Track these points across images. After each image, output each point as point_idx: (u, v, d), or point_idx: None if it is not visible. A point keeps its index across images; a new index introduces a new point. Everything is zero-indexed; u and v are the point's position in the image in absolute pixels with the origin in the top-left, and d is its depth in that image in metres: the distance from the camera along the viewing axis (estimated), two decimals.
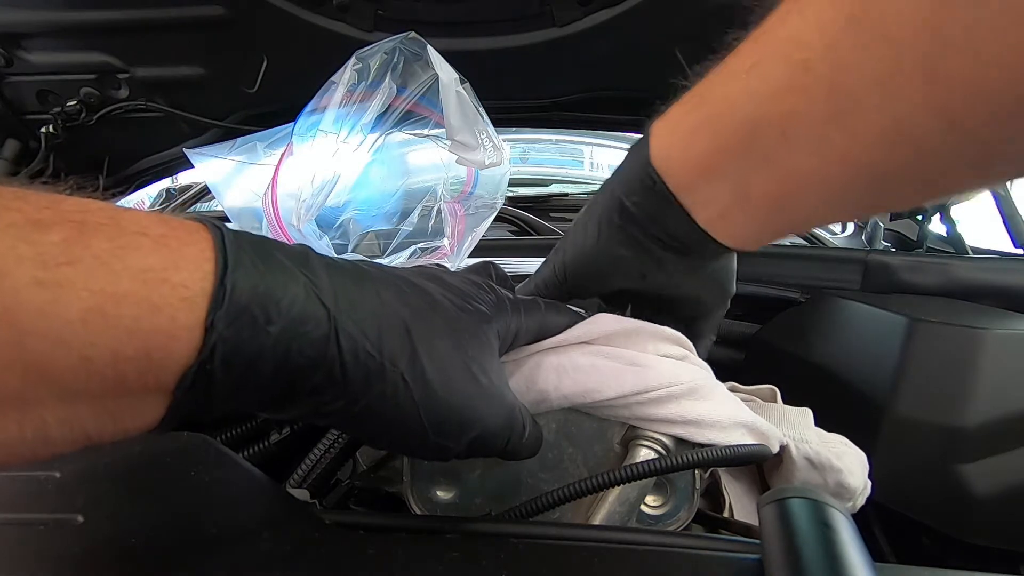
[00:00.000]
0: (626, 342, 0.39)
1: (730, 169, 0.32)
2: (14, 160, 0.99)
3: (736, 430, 0.38)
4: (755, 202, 0.32)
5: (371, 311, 0.27)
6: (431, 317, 0.29)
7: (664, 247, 0.37)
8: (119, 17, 0.80)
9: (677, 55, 0.78)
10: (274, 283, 0.24)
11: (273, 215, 0.61)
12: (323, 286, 0.26)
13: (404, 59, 0.58)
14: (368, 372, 0.26)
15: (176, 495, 0.32)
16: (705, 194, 0.34)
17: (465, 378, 0.29)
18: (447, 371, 0.28)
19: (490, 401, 0.30)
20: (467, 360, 0.29)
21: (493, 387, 0.30)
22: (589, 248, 0.39)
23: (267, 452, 0.49)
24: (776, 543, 0.26)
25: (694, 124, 0.34)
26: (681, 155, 0.34)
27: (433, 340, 0.28)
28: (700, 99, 0.33)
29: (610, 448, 0.39)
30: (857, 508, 0.44)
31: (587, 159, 1.99)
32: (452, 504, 0.41)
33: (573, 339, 0.39)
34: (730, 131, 0.31)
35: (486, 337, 0.31)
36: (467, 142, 0.57)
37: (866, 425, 0.52)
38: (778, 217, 0.34)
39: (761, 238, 0.36)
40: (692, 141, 0.34)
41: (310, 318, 0.25)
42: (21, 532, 0.29)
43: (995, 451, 0.50)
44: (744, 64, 0.31)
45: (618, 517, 0.37)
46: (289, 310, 0.24)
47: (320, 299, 0.25)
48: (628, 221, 0.37)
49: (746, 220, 0.34)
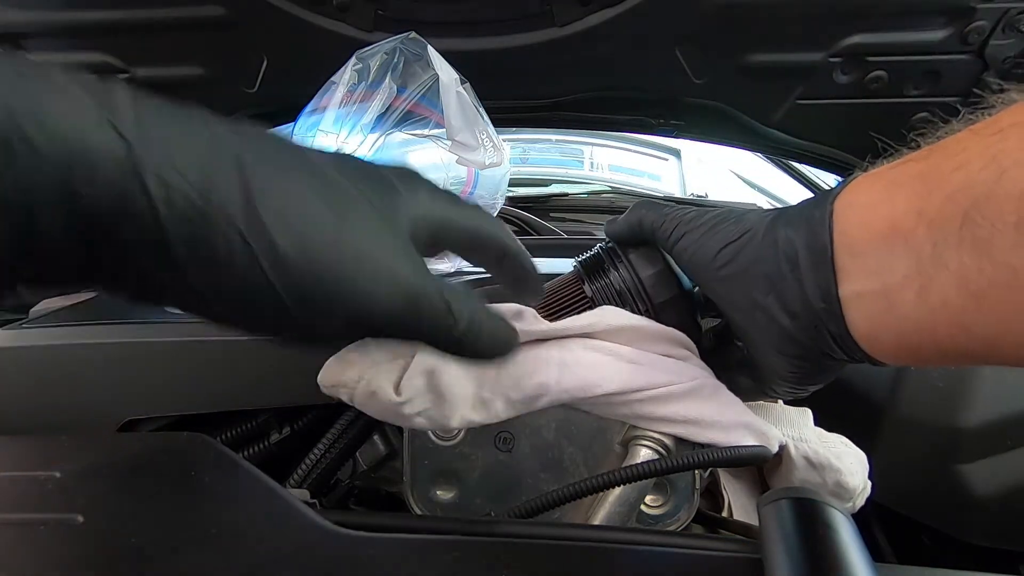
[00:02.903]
0: (630, 339, 0.39)
1: (922, 240, 0.26)
2: None
3: (737, 430, 0.38)
4: (937, 291, 0.26)
5: (193, 146, 0.21)
6: (283, 159, 0.23)
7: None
8: (119, 17, 0.79)
9: (677, 55, 0.78)
10: (41, 100, 0.19)
11: None
12: (122, 112, 0.20)
13: (404, 59, 0.57)
14: (191, 226, 0.20)
15: (176, 495, 0.32)
16: (875, 263, 0.28)
17: (329, 240, 0.23)
18: (300, 227, 0.22)
19: (376, 276, 0.24)
20: (336, 218, 0.23)
21: (380, 259, 0.25)
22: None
23: (267, 452, 0.49)
24: (776, 543, 0.26)
25: (897, 177, 0.28)
26: (863, 214, 0.29)
27: (283, 185, 0.22)
28: (913, 159, 0.28)
29: (610, 448, 0.39)
30: (857, 508, 0.44)
31: (587, 159, 2.00)
32: (452, 504, 0.41)
33: (577, 329, 0.39)
34: (944, 195, 0.25)
35: (376, 201, 0.25)
36: (467, 142, 0.56)
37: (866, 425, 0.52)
38: (954, 324, 0.26)
39: (905, 348, 0.29)
40: (888, 195, 0.28)
41: (99, 150, 0.19)
42: (21, 532, 0.29)
43: (995, 451, 0.50)
44: (989, 129, 0.25)
45: (618, 517, 0.37)
46: (63, 135, 0.19)
47: (116, 127, 0.19)
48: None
49: (911, 314, 0.27)
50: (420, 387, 0.36)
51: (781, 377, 0.35)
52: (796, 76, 0.81)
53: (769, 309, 0.33)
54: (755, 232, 0.34)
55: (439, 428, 0.39)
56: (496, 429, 0.40)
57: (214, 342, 0.46)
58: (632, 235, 0.41)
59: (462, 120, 0.56)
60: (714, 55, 0.78)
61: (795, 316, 0.32)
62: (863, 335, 0.30)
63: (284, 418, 0.50)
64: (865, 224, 0.29)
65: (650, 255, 0.41)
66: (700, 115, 0.89)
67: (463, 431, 0.41)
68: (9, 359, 0.46)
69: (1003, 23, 0.73)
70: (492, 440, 0.41)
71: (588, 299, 0.42)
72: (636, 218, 0.40)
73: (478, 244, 0.32)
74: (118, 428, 0.45)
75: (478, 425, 0.38)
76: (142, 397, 0.45)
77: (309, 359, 0.38)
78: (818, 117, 0.86)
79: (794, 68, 0.79)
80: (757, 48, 0.78)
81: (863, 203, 0.30)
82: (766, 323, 0.34)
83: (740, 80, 0.81)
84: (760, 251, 0.33)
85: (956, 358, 0.28)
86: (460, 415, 0.37)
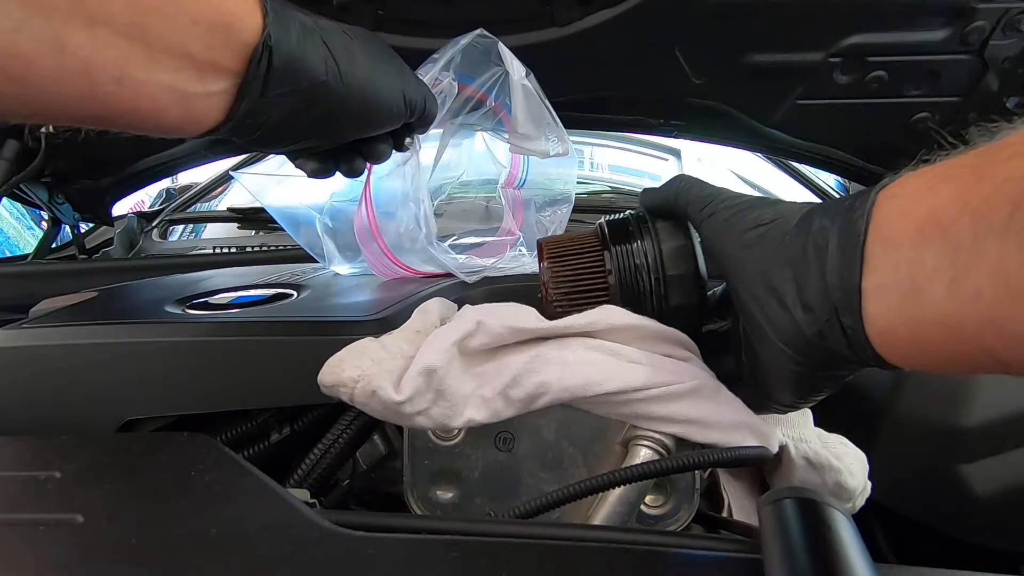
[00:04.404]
0: (631, 338, 0.39)
1: (963, 230, 0.25)
2: (14, 160, 0.99)
3: (737, 431, 0.38)
4: (971, 283, 0.25)
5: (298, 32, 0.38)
6: (344, 36, 0.42)
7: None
8: None
9: (677, 55, 0.78)
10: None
11: (374, 233, 0.59)
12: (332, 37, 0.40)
13: (465, 51, 0.58)
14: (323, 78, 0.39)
15: (176, 495, 0.32)
16: (907, 253, 0.27)
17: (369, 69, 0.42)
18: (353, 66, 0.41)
19: (391, 86, 0.45)
20: (374, 59, 0.43)
21: (394, 78, 0.45)
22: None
23: (267, 452, 0.49)
24: (776, 543, 0.26)
25: (946, 170, 0.27)
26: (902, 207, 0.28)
27: (348, 47, 0.41)
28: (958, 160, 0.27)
29: (610, 448, 0.39)
30: (857, 508, 0.44)
31: (587, 159, 2.00)
32: (452, 504, 0.41)
33: (578, 328, 0.39)
34: (994, 185, 0.24)
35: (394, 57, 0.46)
36: (529, 133, 0.57)
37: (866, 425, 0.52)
38: (984, 320, 0.25)
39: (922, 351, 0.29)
40: (933, 186, 0.27)
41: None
42: (21, 532, 0.29)
43: (995, 451, 0.50)
44: None
45: (618, 517, 0.37)
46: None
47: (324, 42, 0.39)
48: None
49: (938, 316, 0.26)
50: (420, 386, 0.36)
51: (779, 376, 0.35)
52: (796, 76, 0.81)
53: (784, 297, 0.33)
54: (789, 218, 0.34)
55: (439, 427, 0.39)
56: (496, 429, 0.40)
57: (214, 342, 0.46)
58: (665, 206, 0.41)
59: (527, 113, 0.57)
60: (714, 55, 0.78)
61: (808, 308, 0.31)
62: (879, 330, 0.29)
63: (284, 418, 0.50)
64: (905, 214, 0.28)
65: (677, 229, 0.41)
66: (700, 115, 0.89)
67: (463, 431, 0.41)
68: (9, 359, 0.46)
69: (1003, 23, 0.73)
70: (492, 440, 0.41)
71: (600, 251, 0.42)
72: (673, 189, 0.40)
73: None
74: (118, 428, 0.45)
75: (478, 424, 0.38)
76: (142, 397, 0.45)
77: (309, 359, 0.38)
78: (818, 117, 0.86)
79: (794, 68, 0.79)
80: (757, 48, 0.78)
81: (907, 194, 0.29)
82: (776, 311, 0.33)
83: (740, 80, 0.81)
84: (789, 236, 0.33)
85: (974, 359, 0.27)
86: (460, 414, 0.37)
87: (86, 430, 0.45)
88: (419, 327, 0.41)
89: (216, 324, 0.48)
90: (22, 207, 2.60)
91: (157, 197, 1.69)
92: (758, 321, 0.34)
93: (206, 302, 0.55)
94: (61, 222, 1.17)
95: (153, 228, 1.43)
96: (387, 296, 0.53)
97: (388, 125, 0.47)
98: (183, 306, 0.53)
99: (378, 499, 0.52)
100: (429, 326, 0.41)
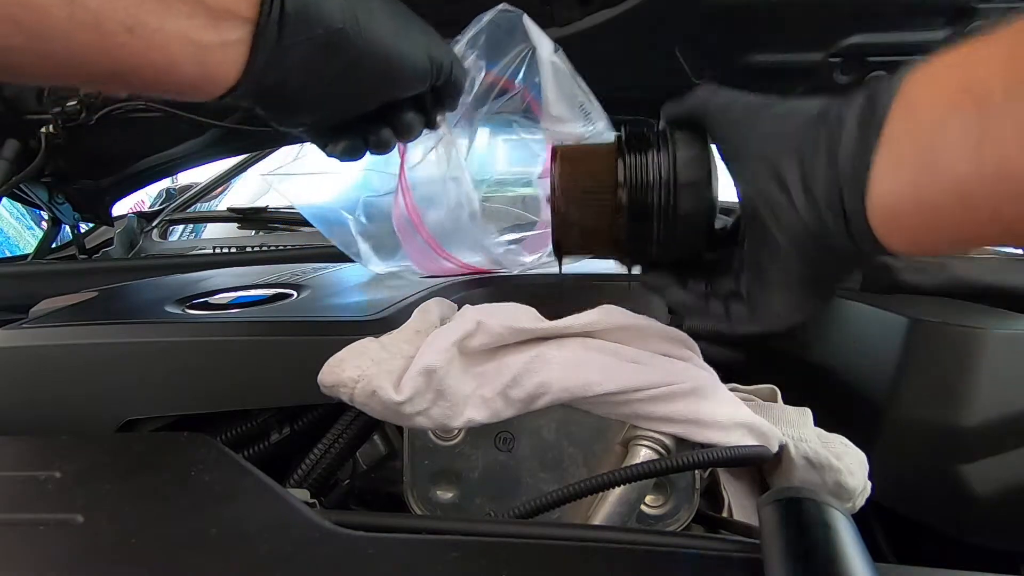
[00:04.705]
0: (632, 338, 0.39)
1: (994, 89, 0.24)
2: (14, 160, 0.99)
3: (737, 430, 0.38)
4: (995, 142, 0.24)
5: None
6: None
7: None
8: None
9: (677, 55, 0.78)
10: None
11: (415, 222, 0.55)
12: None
13: (487, 32, 0.53)
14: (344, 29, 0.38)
15: (176, 495, 0.32)
16: (930, 117, 0.26)
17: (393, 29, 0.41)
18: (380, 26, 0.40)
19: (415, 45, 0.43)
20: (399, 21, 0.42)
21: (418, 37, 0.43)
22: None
23: (267, 452, 0.49)
24: (776, 543, 0.26)
25: (987, 38, 0.26)
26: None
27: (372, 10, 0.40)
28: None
29: (610, 448, 0.39)
30: (857, 508, 0.44)
31: None
32: (452, 504, 0.41)
33: (578, 328, 0.39)
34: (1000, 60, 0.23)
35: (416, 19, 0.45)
36: (563, 114, 0.53)
37: (866, 425, 0.52)
38: (1005, 179, 0.24)
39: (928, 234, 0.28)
40: (970, 53, 0.26)
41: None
42: (21, 532, 0.29)
43: (995, 451, 0.50)
44: None
45: (618, 517, 0.37)
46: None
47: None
48: None
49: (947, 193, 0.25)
50: (420, 386, 0.36)
51: (777, 278, 0.34)
52: (796, 76, 0.81)
53: (786, 182, 0.32)
54: (808, 109, 0.32)
55: (439, 427, 0.39)
56: (496, 429, 0.40)
57: (214, 342, 0.46)
58: (686, 113, 0.39)
59: (557, 92, 0.53)
60: (714, 55, 0.78)
61: (810, 192, 0.31)
62: (884, 209, 0.28)
63: (284, 418, 0.50)
64: (936, 80, 0.27)
65: (694, 139, 0.39)
66: None
67: (463, 431, 0.41)
68: (9, 359, 0.46)
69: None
70: (492, 440, 0.41)
71: (614, 159, 0.40)
72: (699, 98, 0.39)
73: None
74: (118, 428, 0.45)
75: (478, 424, 0.38)
76: (142, 397, 0.45)
77: (309, 359, 0.39)
78: None
79: (794, 68, 0.79)
80: (757, 48, 0.78)
81: (943, 63, 0.27)
82: (778, 198, 0.32)
83: (740, 80, 0.81)
84: (804, 123, 0.32)
85: (983, 231, 0.26)
86: (460, 414, 0.37)
87: (86, 430, 0.45)
88: (419, 327, 0.41)
89: (216, 324, 0.48)
90: (22, 207, 2.61)
91: (157, 197, 1.69)
92: (759, 213, 0.33)
93: (206, 302, 0.55)
94: (61, 222, 1.17)
95: (153, 228, 1.43)
96: (387, 296, 0.53)
97: (414, 86, 0.44)
98: (183, 306, 0.53)
99: (378, 499, 0.52)
100: (429, 326, 0.41)
